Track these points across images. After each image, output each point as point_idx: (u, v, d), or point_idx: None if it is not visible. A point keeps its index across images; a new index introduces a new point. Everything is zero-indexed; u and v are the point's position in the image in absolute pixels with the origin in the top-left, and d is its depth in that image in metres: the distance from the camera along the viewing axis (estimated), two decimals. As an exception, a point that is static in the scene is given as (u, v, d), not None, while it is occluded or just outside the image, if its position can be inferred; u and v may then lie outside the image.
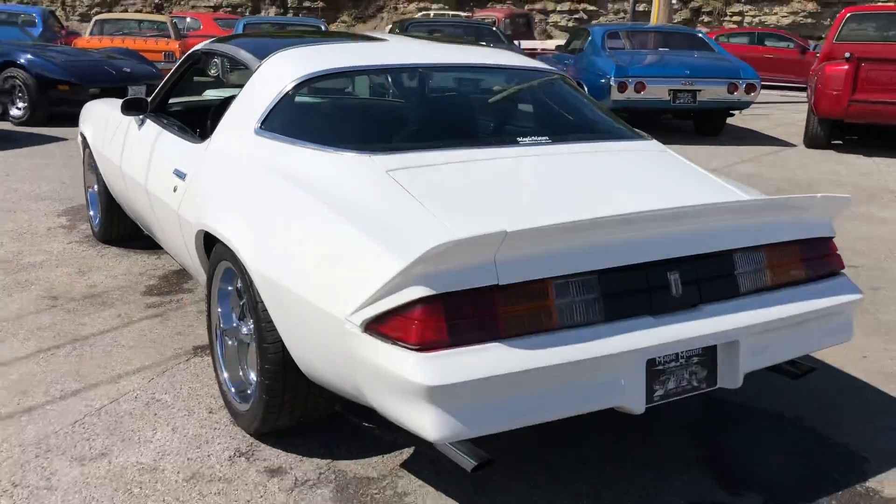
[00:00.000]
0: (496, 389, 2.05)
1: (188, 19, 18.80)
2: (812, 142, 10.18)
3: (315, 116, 3.11)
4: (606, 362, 2.18)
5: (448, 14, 19.80)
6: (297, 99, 3.04)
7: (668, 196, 2.68)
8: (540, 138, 2.97)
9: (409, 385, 2.00)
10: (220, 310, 2.99)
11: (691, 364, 2.39)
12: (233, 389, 2.91)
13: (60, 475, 2.61)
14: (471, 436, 2.06)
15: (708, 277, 2.44)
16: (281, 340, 2.50)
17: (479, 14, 17.46)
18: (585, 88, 10.62)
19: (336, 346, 2.21)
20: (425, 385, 1.97)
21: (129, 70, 10.35)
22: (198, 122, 3.87)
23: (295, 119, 2.97)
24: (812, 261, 2.70)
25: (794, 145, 10.48)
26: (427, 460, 2.77)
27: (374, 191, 2.51)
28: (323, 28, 13.21)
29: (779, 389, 3.40)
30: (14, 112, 9.87)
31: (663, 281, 2.34)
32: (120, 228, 4.95)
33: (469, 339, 2.06)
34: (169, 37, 14.28)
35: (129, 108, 3.91)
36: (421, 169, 2.63)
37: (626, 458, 2.84)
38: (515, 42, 15.22)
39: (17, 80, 9.81)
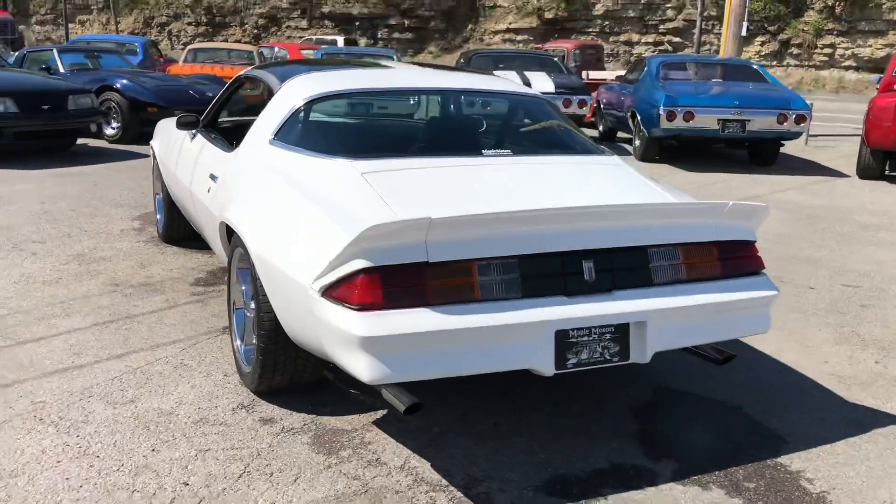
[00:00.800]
0: (420, 344, 2.55)
1: (276, 49, 19.99)
2: (864, 172, 10.26)
3: (315, 130, 3.69)
4: (517, 330, 2.65)
5: (520, 46, 20.52)
6: (304, 115, 3.64)
7: (598, 197, 3.15)
8: (503, 151, 3.49)
9: (350, 337, 2.52)
10: (242, 287, 3.56)
11: (604, 339, 2.83)
12: (242, 354, 3.49)
13: (96, 414, 3.23)
14: (396, 380, 2.56)
15: (622, 267, 2.88)
16: (273, 310, 3.05)
17: (551, 45, 18.02)
18: (639, 117, 10.99)
19: (305, 309, 2.75)
20: (360, 336, 2.49)
21: (210, 94, 11.29)
22: (237, 136, 4.52)
23: (299, 131, 3.57)
24: (729, 260, 3.10)
25: (848, 176, 10.56)
26: (395, 419, 3.28)
27: (349, 188, 3.07)
28: (394, 58, 13.98)
29: (730, 384, 3.77)
30: (108, 131, 10.93)
31: (577, 268, 2.80)
32: (180, 230, 5.65)
33: (401, 303, 2.56)
34: (254, 65, 15.34)
35: (183, 124, 4.59)
36: (391, 172, 3.18)
37: (569, 427, 3.27)
38: (583, 73, 15.71)
39: (113, 103, 10.87)
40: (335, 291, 2.60)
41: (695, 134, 10.41)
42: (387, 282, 2.55)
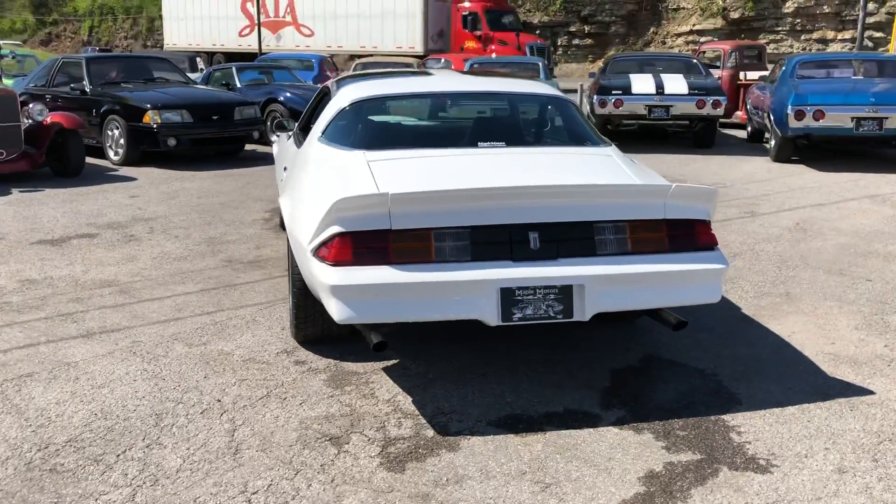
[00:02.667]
0: (380, 294, 3.20)
1: (441, 60, 21.11)
2: None
3: (349, 127, 4.40)
4: (464, 286, 3.24)
5: (676, 49, 20.35)
6: (345, 115, 4.40)
7: (560, 178, 3.65)
8: (497, 143, 4.08)
9: (326, 286, 3.23)
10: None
11: (548, 299, 3.34)
12: (291, 311, 4.29)
13: (175, 351, 4.14)
14: (360, 321, 3.24)
15: (567, 238, 3.38)
16: (299, 271, 3.82)
17: (708, 46, 17.78)
18: (772, 117, 10.89)
19: (306, 266, 3.49)
20: (331, 284, 3.19)
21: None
22: None
23: (338, 129, 4.32)
24: (679, 236, 3.50)
25: None
26: (401, 367, 3.94)
27: (355, 173, 3.78)
28: (540, 66, 14.58)
29: (721, 356, 4.10)
30: (273, 138, 12.32)
31: (524, 237, 3.34)
32: (292, 219, 6.62)
33: (367, 261, 3.24)
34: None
35: (277, 128, 5.51)
36: (394, 160, 3.87)
37: (546, 381, 3.79)
38: (740, 73, 15.50)
39: (277, 113, 12.26)
40: (319, 251, 3.31)
41: (827, 133, 10.19)
42: (356, 244, 3.24)
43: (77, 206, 7.93)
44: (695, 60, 13.33)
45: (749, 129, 13.54)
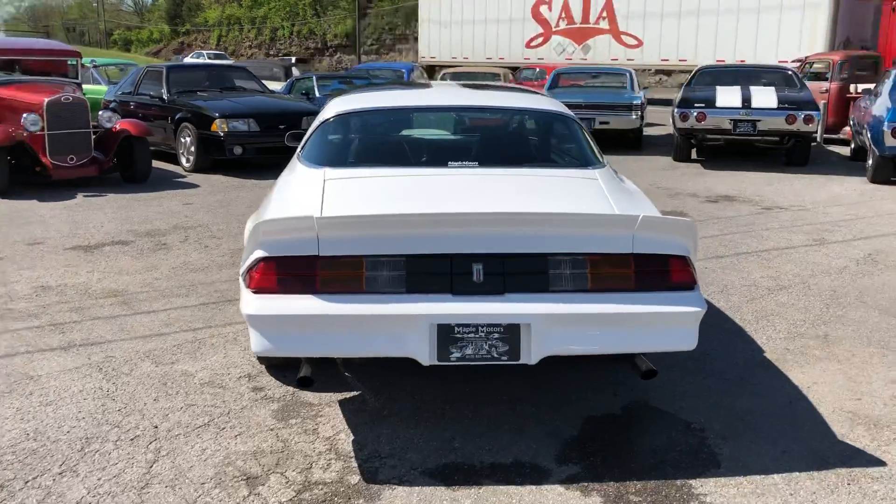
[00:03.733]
0: (303, 326, 2.95)
1: (537, 70, 20.76)
2: None
3: (322, 143, 4.17)
4: (395, 321, 2.94)
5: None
6: (324, 131, 4.18)
7: (521, 205, 3.30)
8: (469, 163, 3.75)
9: (244, 314, 3.00)
10: None
11: (491, 338, 3.00)
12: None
13: (140, 370, 4.03)
14: (278, 354, 3.00)
15: (516, 272, 3.03)
16: None
17: (816, 57, 16.61)
18: (868, 134, 10.02)
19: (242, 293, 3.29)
20: (248, 314, 2.96)
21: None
22: None
23: (313, 146, 4.10)
24: (650, 273, 3.09)
25: None
26: (358, 400, 3.68)
27: (308, 192, 3.55)
28: (628, 75, 13.97)
29: (720, 406, 3.64)
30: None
31: (466, 269, 3.01)
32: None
33: (292, 290, 2.99)
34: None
35: (291, 139, 5.36)
36: (351, 180, 3.61)
37: (508, 425, 3.44)
38: (852, 86, 14.42)
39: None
40: (246, 277, 3.10)
41: (928, 152, 9.25)
42: (281, 270, 3.00)
43: (129, 212, 8.07)
44: (790, 72, 12.46)
45: (852, 145, 12.55)
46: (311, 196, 3.49)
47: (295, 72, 19.57)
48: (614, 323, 3.03)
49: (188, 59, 30.44)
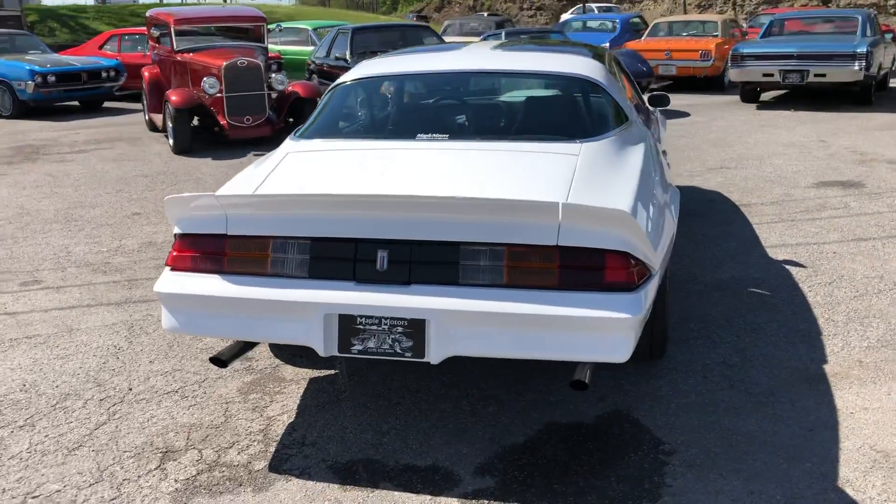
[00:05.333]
0: (206, 306, 2.88)
1: (761, 17, 18.79)
2: None
3: (318, 113, 3.98)
4: (295, 308, 2.78)
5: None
6: (329, 99, 4.02)
7: (469, 188, 2.95)
8: (439, 136, 3.42)
9: (155, 292, 2.99)
10: None
11: (395, 332, 2.75)
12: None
13: (149, 332, 4.22)
14: (186, 333, 2.95)
15: (424, 261, 2.73)
16: None
17: None
18: None
19: None
20: (157, 291, 2.95)
21: (645, 69, 11.53)
22: None
23: (314, 116, 3.96)
24: (579, 270, 2.64)
25: None
26: (328, 380, 3.57)
27: (269, 167, 3.44)
28: (861, 18, 12.14)
29: (716, 429, 3.09)
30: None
31: (371, 256, 2.76)
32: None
33: (203, 268, 2.93)
34: (715, 35, 14.85)
35: None
36: (311, 153, 3.44)
37: (451, 424, 3.17)
38: None
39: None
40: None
41: None
42: (192, 248, 2.95)
43: (279, 171, 8.47)
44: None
45: None
46: (264, 170, 3.39)
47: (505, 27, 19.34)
48: (529, 324, 2.64)
49: (566, 16, 27.56)
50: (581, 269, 2.65)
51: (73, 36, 23.77)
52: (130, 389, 3.56)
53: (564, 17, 26.81)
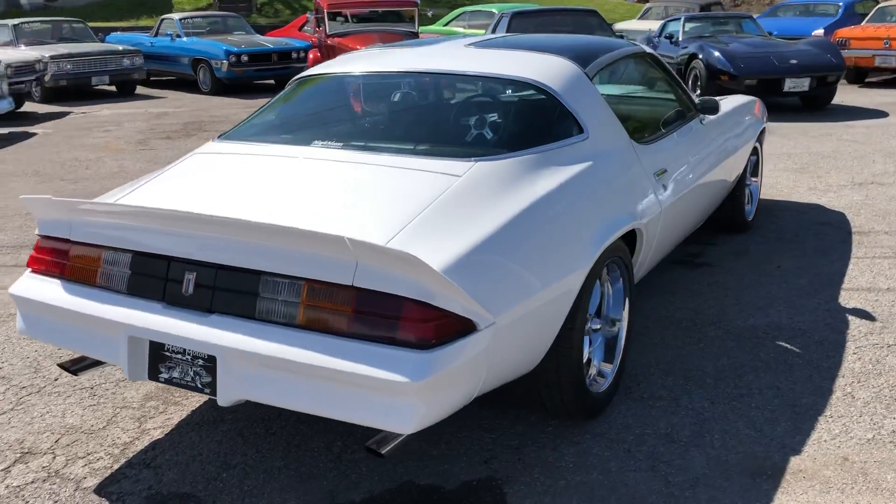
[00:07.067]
0: (42, 312, 2.78)
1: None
2: None
3: (257, 111, 3.66)
4: (103, 325, 2.60)
5: None
6: (274, 100, 3.75)
7: (292, 209, 2.60)
8: (333, 143, 3.04)
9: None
10: None
11: (196, 364, 2.49)
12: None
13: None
14: (38, 340, 2.86)
15: (226, 288, 2.43)
16: None
17: None
18: None
19: None
20: (9, 292, 2.89)
21: (795, 61, 10.18)
22: None
23: (253, 113, 3.71)
24: (372, 317, 2.22)
25: None
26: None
27: (166, 168, 3.26)
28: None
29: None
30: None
31: (180, 277, 2.51)
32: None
33: (49, 272, 2.82)
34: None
35: None
36: (214, 156, 3.20)
37: (364, 463, 2.85)
38: None
39: (696, 71, 10.86)
40: None
41: None
42: (44, 250, 2.85)
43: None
44: None
45: None
46: (157, 173, 3.22)
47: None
48: (313, 376, 2.27)
49: None
50: (376, 316, 2.23)
51: (296, 17, 25.30)
52: (56, 380, 3.58)
53: None
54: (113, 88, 15.29)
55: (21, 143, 9.99)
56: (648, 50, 4.24)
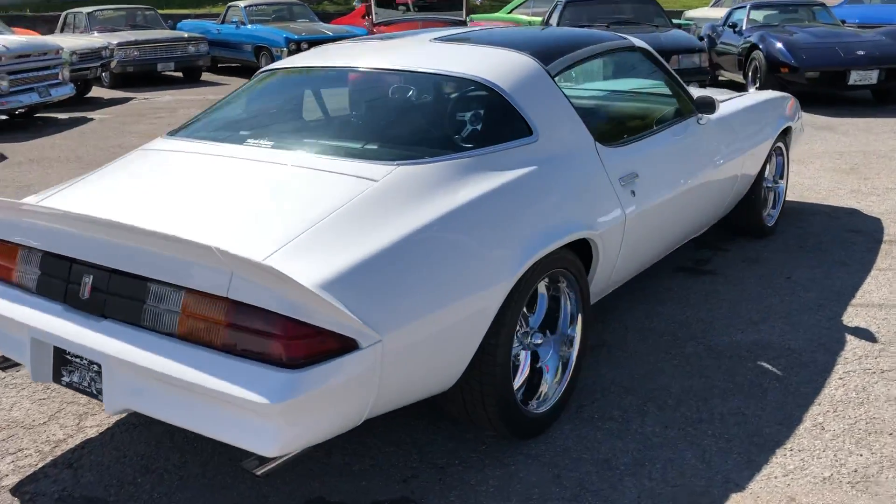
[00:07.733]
0: None
1: None
2: None
3: (211, 107, 3.54)
4: (10, 325, 2.58)
5: None
6: (232, 94, 3.65)
7: (192, 211, 2.51)
8: (264, 142, 2.92)
9: None
10: None
11: (92, 369, 2.43)
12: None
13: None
14: None
15: (117, 293, 2.37)
16: None
17: None
18: None
19: None
20: None
21: (862, 52, 9.55)
22: None
23: (208, 109, 3.63)
24: (245, 332, 2.11)
25: None
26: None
27: (113, 162, 3.21)
28: None
29: None
30: (751, 89, 10.46)
31: (79, 280, 2.45)
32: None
33: None
34: None
35: None
36: (154, 152, 3.13)
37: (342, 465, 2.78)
38: None
39: (756, 62, 10.33)
40: None
41: None
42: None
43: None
44: None
45: None
46: (100, 169, 3.18)
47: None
48: (185, 390, 2.18)
49: None
50: (248, 331, 2.12)
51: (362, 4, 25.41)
52: (17, 371, 3.61)
53: None
54: (179, 75, 15.63)
55: (76, 129, 10.28)
56: (640, 44, 3.97)
